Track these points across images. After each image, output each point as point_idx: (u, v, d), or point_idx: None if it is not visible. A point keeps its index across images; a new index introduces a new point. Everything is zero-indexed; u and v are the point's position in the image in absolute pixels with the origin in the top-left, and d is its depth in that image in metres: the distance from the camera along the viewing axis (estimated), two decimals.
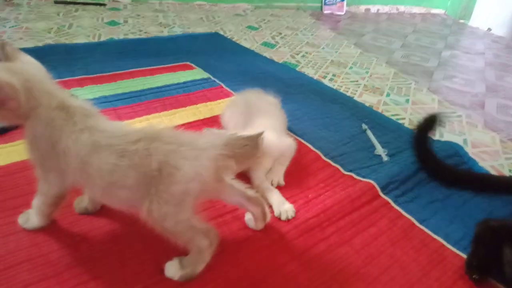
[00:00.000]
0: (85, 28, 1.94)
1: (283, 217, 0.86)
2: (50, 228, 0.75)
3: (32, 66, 0.69)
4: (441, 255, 0.82)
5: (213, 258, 0.71)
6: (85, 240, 0.74)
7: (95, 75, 1.40)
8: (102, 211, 0.80)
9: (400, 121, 1.38)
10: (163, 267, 0.69)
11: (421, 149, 0.95)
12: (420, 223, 0.90)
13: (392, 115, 1.43)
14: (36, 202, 0.72)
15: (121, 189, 0.63)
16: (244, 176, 0.93)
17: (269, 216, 0.83)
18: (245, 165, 0.70)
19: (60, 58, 1.52)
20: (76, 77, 1.36)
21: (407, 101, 1.58)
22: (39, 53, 1.53)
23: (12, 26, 1.85)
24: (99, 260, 0.71)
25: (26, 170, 0.72)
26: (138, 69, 1.50)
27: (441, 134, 1.34)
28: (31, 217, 0.74)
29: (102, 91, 1.30)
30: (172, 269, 0.68)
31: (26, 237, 0.73)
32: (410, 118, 1.43)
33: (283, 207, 0.88)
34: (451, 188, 1.00)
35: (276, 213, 0.87)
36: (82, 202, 0.80)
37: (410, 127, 1.35)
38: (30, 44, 1.65)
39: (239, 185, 0.75)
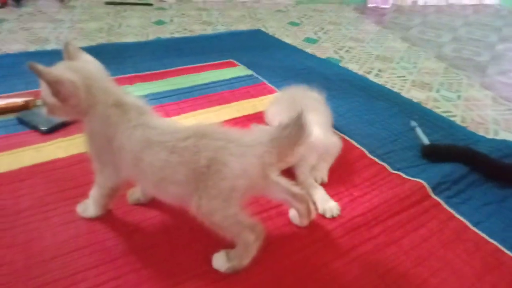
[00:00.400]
0: (134, 28, 2.02)
1: (328, 215, 0.85)
2: (106, 217, 0.80)
3: (92, 65, 0.73)
4: (497, 260, 0.78)
5: (259, 252, 0.72)
6: (137, 229, 0.78)
7: (144, 73, 1.46)
8: (153, 202, 0.83)
9: (452, 118, 1.32)
10: (210, 258, 0.71)
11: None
12: (474, 226, 0.86)
13: (443, 111, 1.37)
14: (93, 193, 0.77)
15: (172, 184, 0.65)
16: (289, 173, 0.94)
17: (314, 213, 0.82)
18: (294, 151, 0.68)
19: (111, 57, 1.59)
20: (127, 75, 1.43)
21: (459, 97, 1.50)
22: (92, 52, 1.59)
23: (68, 27, 1.96)
24: (151, 249, 0.74)
25: (84, 162, 0.77)
26: (184, 66, 1.54)
27: (496, 132, 1.27)
28: (88, 207, 0.78)
29: (150, 89, 1.35)
30: (220, 261, 0.70)
31: (85, 224, 0.78)
32: (462, 115, 1.36)
33: (327, 204, 0.87)
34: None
35: (320, 210, 0.86)
36: (135, 194, 0.83)
37: (463, 124, 1.29)
38: (83, 44, 1.74)
39: (285, 182, 0.76)
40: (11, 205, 0.80)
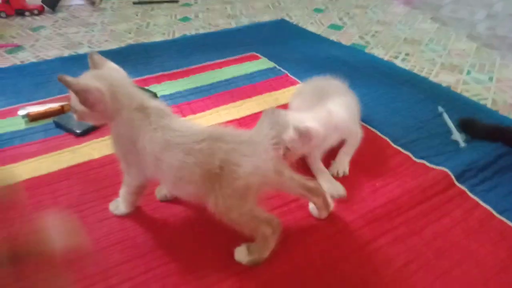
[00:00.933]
0: (161, 26, 2.07)
1: (335, 195, 0.89)
2: (136, 214, 0.85)
3: (116, 72, 0.78)
4: None
5: (280, 245, 0.75)
6: (165, 225, 0.83)
7: (170, 72, 1.50)
8: (179, 198, 0.87)
9: (482, 102, 1.28)
10: (233, 252, 0.75)
11: None
12: (500, 214, 0.84)
13: (473, 95, 1.32)
14: (122, 191, 0.82)
15: (189, 184, 0.69)
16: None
17: (332, 205, 0.84)
18: None
19: (140, 57, 1.65)
20: (154, 75, 1.48)
21: (491, 79, 1.44)
22: (122, 53, 1.70)
23: (99, 30, 2.05)
24: (178, 243, 0.79)
25: (115, 162, 0.82)
26: (208, 63, 1.58)
27: None
28: (119, 205, 0.84)
29: (177, 87, 1.40)
30: (241, 254, 0.74)
31: (117, 222, 0.83)
32: (493, 98, 1.31)
33: (332, 186, 0.91)
34: None
35: (327, 193, 0.88)
36: (162, 190, 0.88)
37: (494, 108, 1.24)
38: (114, 46, 1.82)
39: (299, 177, 0.78)
40: (52, 205, 0.88)
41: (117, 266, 0.74)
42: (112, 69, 0.78)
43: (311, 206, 0.85)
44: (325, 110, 0.98)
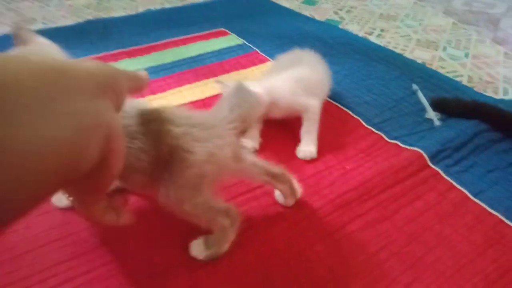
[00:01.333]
0: (123, 1, 1.93)
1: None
2: None
3: (50, 48, 0.68)
4: (499, 233, 0.72)
5: (243, 235, 0.68)
6: None
7: (130, 49, 1.39)
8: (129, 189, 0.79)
9: (458, 79, 1.23)
10: (188, 246, 0.67)
11: None
12: (475, 196, 0.80)
13: (448, 72, 1.27)
14: None
15: (135, 173, 0.60)
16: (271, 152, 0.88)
17: (299, 192, 0.77)
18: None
19: (98, 33, 1.52)
20: (112, 52, 1.36)
21: (466, 55, 1.39)
22: (78, 29, 1.56)
23: (56, 5, 1.89)
24: (126, 239, 0.70)
25: None
26: (172, 39, 1.47)
27: (505, 91, 1.17)
28: (62, 197, 0.75)
29: (136, 65, 1.29)
30: (197, 249, 0.66)
31: (59, 215, 0.74)
32: (469, 74, 1.26)
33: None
34: None
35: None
36: None
37: (470, 85, 1.19)
38: (71, 21, 1.68)
39: (263, 163, 0.70)
40: None
41: (56, 265, 0.65)
42: (44, 44, 0.68)
43: (277, 193, 0.78)
44: (268, 83, 0.92)
